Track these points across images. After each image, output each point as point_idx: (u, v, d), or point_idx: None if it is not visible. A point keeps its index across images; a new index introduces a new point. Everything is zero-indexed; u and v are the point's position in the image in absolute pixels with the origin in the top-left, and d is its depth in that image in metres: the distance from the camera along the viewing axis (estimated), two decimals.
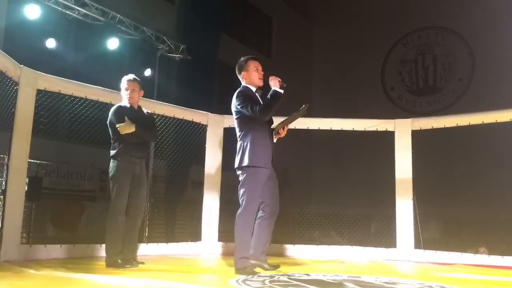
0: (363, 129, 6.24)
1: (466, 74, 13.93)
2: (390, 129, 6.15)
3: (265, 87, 4.10)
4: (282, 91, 3.88)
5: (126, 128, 4.18)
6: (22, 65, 4.66)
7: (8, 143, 4.52)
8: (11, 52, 4.50)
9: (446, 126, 5.98)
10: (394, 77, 15.19)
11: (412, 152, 5.98)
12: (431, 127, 6.04)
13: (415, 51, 14.99)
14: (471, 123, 5.77)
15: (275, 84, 3.91)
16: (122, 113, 4.29)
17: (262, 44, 15.30)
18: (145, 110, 4.65)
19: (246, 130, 3.93)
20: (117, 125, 4.19)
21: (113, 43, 8.89)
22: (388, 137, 6.14)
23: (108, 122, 4.36)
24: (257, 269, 3.91)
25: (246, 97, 3.94)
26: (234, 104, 3.98)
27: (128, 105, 4.45)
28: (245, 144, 3.90)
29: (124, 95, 4.45)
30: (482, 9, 12.29)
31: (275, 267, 4.05)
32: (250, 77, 4.06)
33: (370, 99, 14.05)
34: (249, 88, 4.05)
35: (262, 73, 4.08)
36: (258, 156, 3.86)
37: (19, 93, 4.60)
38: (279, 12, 15.53)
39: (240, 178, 3.92)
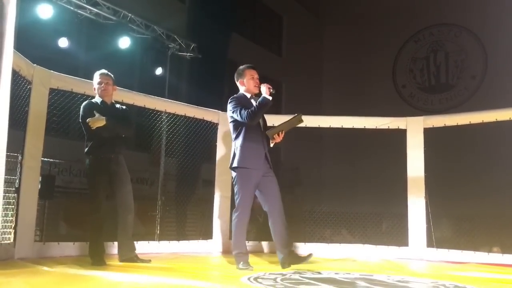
0: (374, 127, 6.21)
1: (479, 72, 13.79)
2: (402, 127, 6.11)
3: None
4: (270, 97, 4.05)
5: (97, 122, 4.09)
6: (35, 64, 4.70)
7: (22, 141, 4.56)
8: (24, 51, 4.53)
9: (459, 123, 5.92)
10: (405, 74, 15.08)
11: (424, 150, 5.94)
12: (443, 125, 5.99)
13: (427, 48, 14.87)
14: (484, 121, 5.71)
15: (266, 92, 4.07)
16: (92, 108, 4.21)
17: (273, 42, 15.29)
18: (118, 105, 4.56)
19: (238, 133, 4.16)
20: (87, 120, 4.10)
21: (124, 42, 8.95)
22: (400, 135, 6.10)
23: (80, 119, 4.28)
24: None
25: (238, 102, 4.14)
26: (228, 108, 4.19)
27: (100, 100, 4.38)
28: (237, 146, 4.15)
29: (96, 89, 4.38)
30: (494, 6, 12.14)
31: (307, 257, 4.12)
32: (246, 84, 4.26)
33: (381, 97, 13.96)
34: (244, 95, 4.26)
35: (258, 81, 4.25)
36: (247, 158, 4.08)
37: (32, 92, 4.64)
38: (289, 10, 15.50)
39: (233, 179, 4.18)
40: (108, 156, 4.25)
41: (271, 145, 4.25)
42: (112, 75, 4.48)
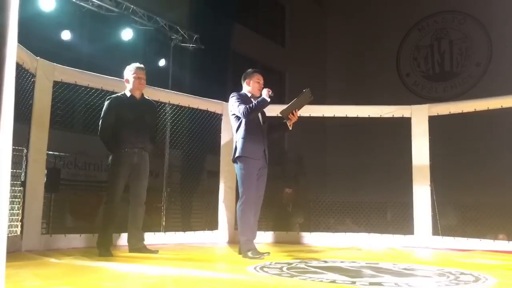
0: (379, 116, 6.19)
1: (483, 59, 13.68)
2: (406, 115, 6.09)
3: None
4: (269, 99, 4.28)
5: None
6: (38, 57, 4.69)
7: (27, 135, 4.57)
8: (27, 44, 4.52)
9: (464, 111, 5.89)
10: (409, 63, 14.98)
11: (429, 138, 5.92)
12: (448, 113, 5.96)
13: (431, 36, 14.74)
14: (490, 108, 5.67)
15: (265, 94, 4.30)
16: (119, 104, 4.34)
17: (275, 32, 15.20)
18: (147, 97, 4.68)
19: (238, 126, 4.37)
20: None
21: (127, 34, 8.93)
22: (404, 124, 6.08)
23: (103, 112, 4.37)
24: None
25: (239, 97, 4.41)
26: (230, 102, 4.45)
27: (129, 94, 4.45)
28: (238, 138, 4.35)
29: (132, 83, 4.44)
30: None
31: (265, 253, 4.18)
32: (251, 86, 4.51)
33: (385, 85, 13.89)
34: (245, 94, 4.51)
35: (262, 86, 4.49)
36: (248, 148, 4.28)
37: (36, 85, 4.64)
38: (292, 0, 15.40)
39: (236, 171, 4.37)
40: (132, 150, 4.34)
41: (290, 127, 4.42)
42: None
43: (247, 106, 4.27)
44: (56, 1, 7.77)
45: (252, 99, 4.42)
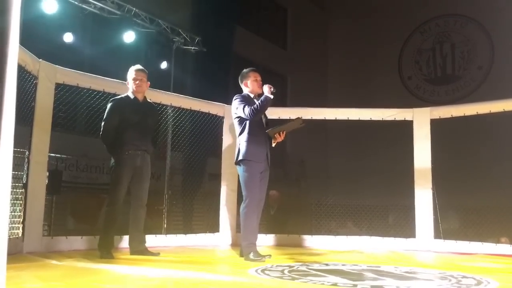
0: (380, 119, 6.18)
1: (486, 62, 13.67)
2: (408, 118, 6.08)
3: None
4: (272, 96, 4.27)
5: None
6: (40, 59, 4.70)
7: (29, 137, 4.57)
8: (29, 46, 4.53)
9: (466, 114, 5.88)
10: (411, 66, 14.98)
11: (431, 141, 5.91)
12: (450, 116, 5.95)
13: (433, 39, 14.74)
14: (492, 111, 5.66)
15: (267, 91, 4.29)
16: (121, 106, 4.34)
17: (277, 35, 15.22)
18: (149, 100, 4.68)
19: (242, 129, 4.36)
20: None
21: (129, 37, 8.97)
22: (406, 127, 6.07)
23: (106, 114, 4.36)
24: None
25: (242, 100, 4.37)
26: (233, 105, 4.41)
27: (132, 96, 4.45)
28: (241, 141, 4.34)
29: (131, 85, 4.46)
30: None
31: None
32: (250, 86, 4.49)
33: (387, 89, 13.88)
34: (248, 95, 4.49)
35: (261, 83, 4.49)
36: (252, 151, 4.28)
37: (38, 87, 4.64)
38: (294, 3, 15.42)
39: (239, 173, 4.38)
40: (135, 152, 4.34)
41: (273, 144, 4.47)
42: (147, 71, 4.59)
43: (252, 107, 4.26)
44: (59, 3, 7.80)
45: (255, 100, 4.41)
